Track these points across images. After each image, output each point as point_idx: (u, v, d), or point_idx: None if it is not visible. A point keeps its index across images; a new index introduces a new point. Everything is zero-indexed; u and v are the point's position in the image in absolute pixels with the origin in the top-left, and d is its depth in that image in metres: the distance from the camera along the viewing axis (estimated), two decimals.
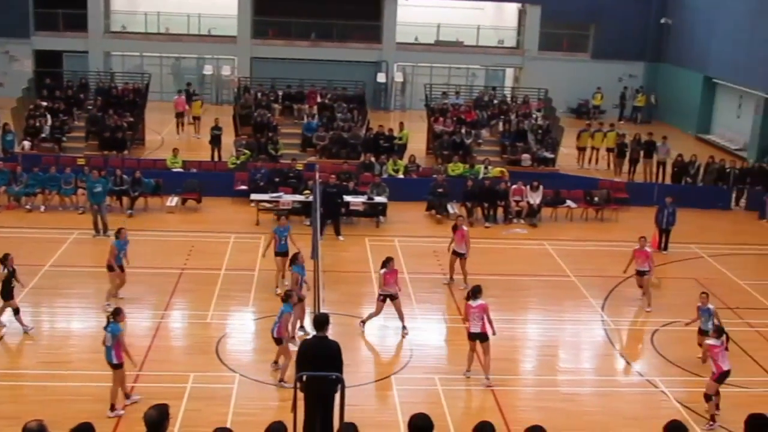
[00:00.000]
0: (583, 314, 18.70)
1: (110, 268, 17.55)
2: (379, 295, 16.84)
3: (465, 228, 19.65)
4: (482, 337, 14.76)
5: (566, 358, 16.71)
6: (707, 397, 13.87)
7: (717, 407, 13.78)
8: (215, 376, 14.79)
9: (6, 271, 15.88)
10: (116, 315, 13.45)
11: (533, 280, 20.62)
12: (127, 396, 13.59)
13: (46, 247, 20.95)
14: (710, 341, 14.04)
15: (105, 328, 13.31)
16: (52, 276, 19.06)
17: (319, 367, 11.44)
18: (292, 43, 43.46)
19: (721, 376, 13.73)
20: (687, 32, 40.76)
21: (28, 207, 24.38)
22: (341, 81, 36.03)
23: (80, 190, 24.46)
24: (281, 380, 14.34)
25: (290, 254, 17.44)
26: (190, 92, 37.57)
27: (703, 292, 16.39)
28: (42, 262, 19.78)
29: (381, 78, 43.06)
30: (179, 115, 34.60)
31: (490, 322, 14.80)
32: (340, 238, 22.74)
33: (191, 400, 13.80)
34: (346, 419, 10.19)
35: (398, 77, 43.86)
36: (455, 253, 19.48)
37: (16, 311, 16.09)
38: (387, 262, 16.80)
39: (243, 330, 17.15)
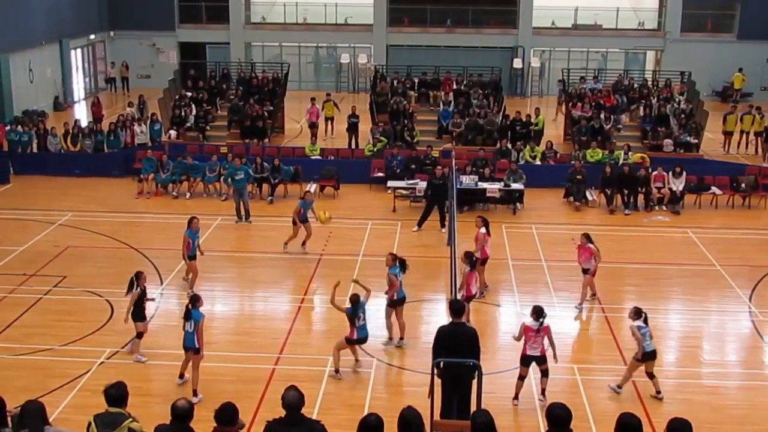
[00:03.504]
0: (729, 304, 17.96)
1: (190, 257, 17.73)
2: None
3: (481, 231, 17.68)
4: (541, 359, 13.43)
5: (710, 349, 16.11)
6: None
7: None
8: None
9: (138, 290, 14.75)
10: (195, 302, 13.46)
11: (676, 268, 19.96)
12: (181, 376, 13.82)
13: None
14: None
15: (185, 315, 13.45)
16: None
17: (456, 353, 11.44)
18: (428, 30, 43.55)
19: None
20: None
21: (174, 194, 25.38)
22: (477, 67, 35.73)
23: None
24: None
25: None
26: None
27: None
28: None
29: (517, 64, 42.60)
30: (312, 126, 31.55)
31: (552, 345, 13.51)
32: (443, 230, 22.16)
33: (329, 383, 14.04)
34: (483, 406, 10.16)
35: (535, 62, 43.27)
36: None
37: (140, 335, 14.95)
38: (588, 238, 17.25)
39: (380, 316, 17.30)
